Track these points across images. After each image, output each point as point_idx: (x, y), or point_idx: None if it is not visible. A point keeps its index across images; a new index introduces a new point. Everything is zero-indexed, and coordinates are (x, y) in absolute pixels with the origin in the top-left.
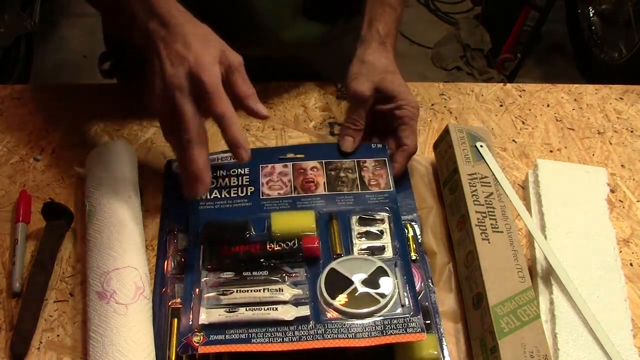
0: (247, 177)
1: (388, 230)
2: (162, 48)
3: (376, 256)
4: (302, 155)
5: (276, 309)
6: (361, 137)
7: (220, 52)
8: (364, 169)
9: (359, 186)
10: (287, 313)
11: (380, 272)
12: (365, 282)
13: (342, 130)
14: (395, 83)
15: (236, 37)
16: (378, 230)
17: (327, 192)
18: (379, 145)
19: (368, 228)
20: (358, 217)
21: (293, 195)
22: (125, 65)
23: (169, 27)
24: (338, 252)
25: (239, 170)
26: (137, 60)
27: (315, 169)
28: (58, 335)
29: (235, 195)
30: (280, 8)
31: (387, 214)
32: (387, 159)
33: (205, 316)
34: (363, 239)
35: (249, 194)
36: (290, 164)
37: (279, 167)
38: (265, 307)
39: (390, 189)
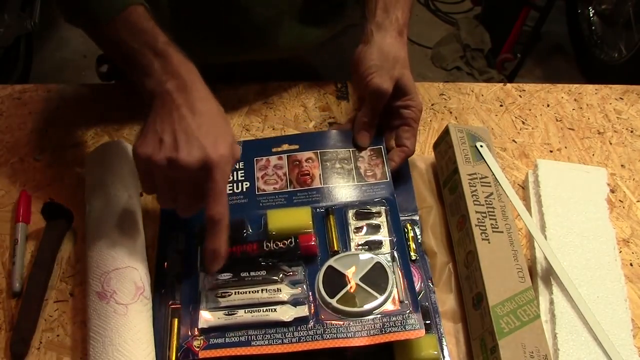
0: (242, 171)
1: (385, 224)
2: (176, 118)
3: (374, 251)
4: (297, 146)
5: (275, 310)
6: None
7: (230, 146)
8: (360, 159)
9: (355, 177)
10: (286, 314)
11: (378, 268)
12: (363, 279)
13: (357, 124)
14: (410, 81)
15: (234, 42)
16: (375, 224)
17: (323, 185)
18: None
19: (365, 222)
20: (355, 211)
21: (289, 189)
22: (123, 69)
23: (187, 95)
24: (335, 248)
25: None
26: None
27: (310, 160)
28: (58, 335)
29: (231, 191)
30: (276, 15)
31: (384, 207)
32: (382, 147)
33: (205, 319)
34: (360, 233)
35: (244, 189)
36: (284, 156)
37: (273, 159)
38: (264, 309)
39: (387, 179)
